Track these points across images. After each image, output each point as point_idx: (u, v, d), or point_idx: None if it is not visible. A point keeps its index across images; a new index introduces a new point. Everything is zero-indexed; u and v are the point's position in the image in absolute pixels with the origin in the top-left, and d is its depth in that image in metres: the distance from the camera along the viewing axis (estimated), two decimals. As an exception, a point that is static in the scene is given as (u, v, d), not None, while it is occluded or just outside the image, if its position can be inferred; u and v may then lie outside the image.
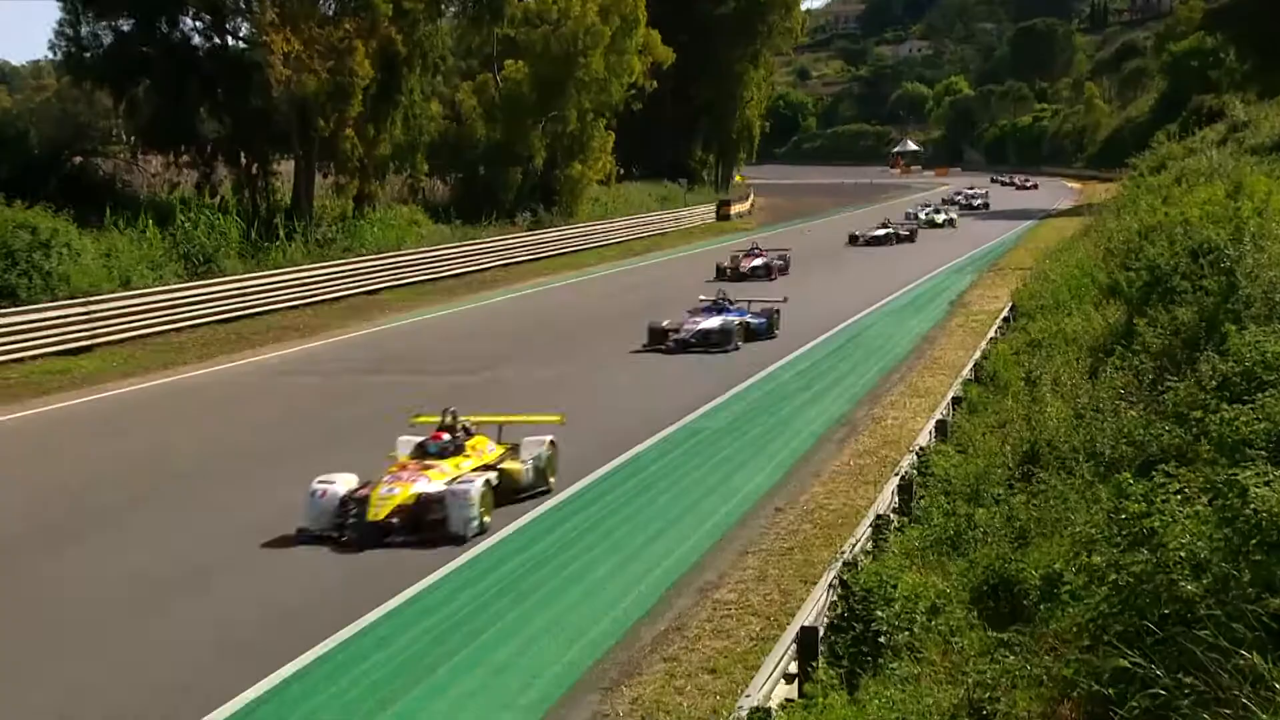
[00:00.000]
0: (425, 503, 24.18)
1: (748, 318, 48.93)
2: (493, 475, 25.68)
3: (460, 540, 23.63)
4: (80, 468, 31.11)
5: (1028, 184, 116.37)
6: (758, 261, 60.52)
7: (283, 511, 26.25)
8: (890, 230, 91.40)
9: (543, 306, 59.98)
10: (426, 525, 24.05)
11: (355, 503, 24.45)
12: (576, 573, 23.22)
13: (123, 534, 25.98)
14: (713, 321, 47.09)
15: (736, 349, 46.14)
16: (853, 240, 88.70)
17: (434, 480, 24.76)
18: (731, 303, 49.44)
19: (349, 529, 24.15)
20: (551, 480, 27.44)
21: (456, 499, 24.13)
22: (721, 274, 60.25)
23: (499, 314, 58.17)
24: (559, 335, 50.91)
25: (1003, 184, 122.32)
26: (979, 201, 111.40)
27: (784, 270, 64.92)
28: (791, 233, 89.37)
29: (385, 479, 24.74)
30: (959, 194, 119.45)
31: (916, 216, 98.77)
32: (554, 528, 25.83)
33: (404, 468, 25.44)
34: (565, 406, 36.39)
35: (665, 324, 47.15)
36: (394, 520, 23.86)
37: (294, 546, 24.69)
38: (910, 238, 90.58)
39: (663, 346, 46.04)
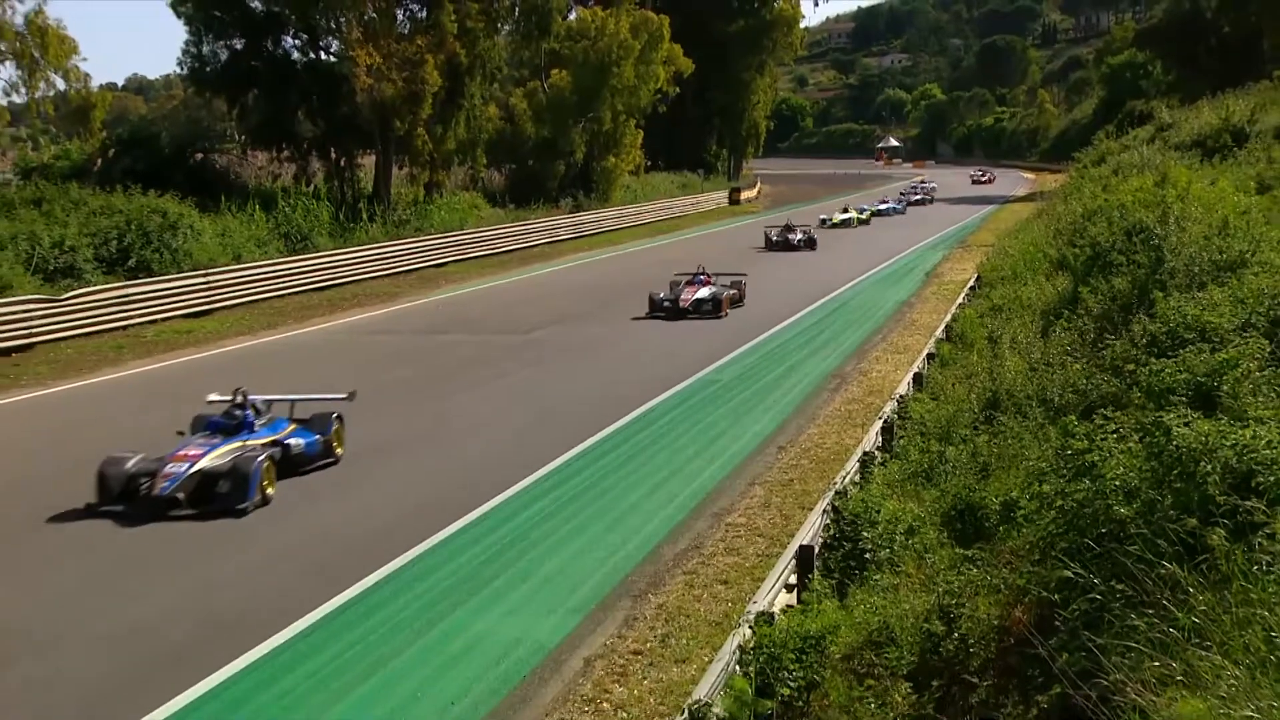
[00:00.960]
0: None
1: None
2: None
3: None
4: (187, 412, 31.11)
5: (983, 178, 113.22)
6: (703, 292, 48.42)
7: (373, 441, 26.94)
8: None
9: (581, 278, 59.83)
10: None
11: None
12: (609, 502, 23.40)
13: None
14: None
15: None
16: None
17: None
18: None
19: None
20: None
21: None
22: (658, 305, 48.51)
23: (544, 284, 58.07)
24: (595, 302, 50.68)
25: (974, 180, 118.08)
26: (918, 196, 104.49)
27: (737, 302, 50.64)
28: (792, 213, 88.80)
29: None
30: (912, 187, 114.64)
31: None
32: (589, 465, 26.03)
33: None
34: (599, 363, 37.16)
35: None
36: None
37: (377, 481, 25.04)
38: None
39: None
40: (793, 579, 15.13)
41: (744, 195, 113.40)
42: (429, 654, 16.48)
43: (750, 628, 12.91)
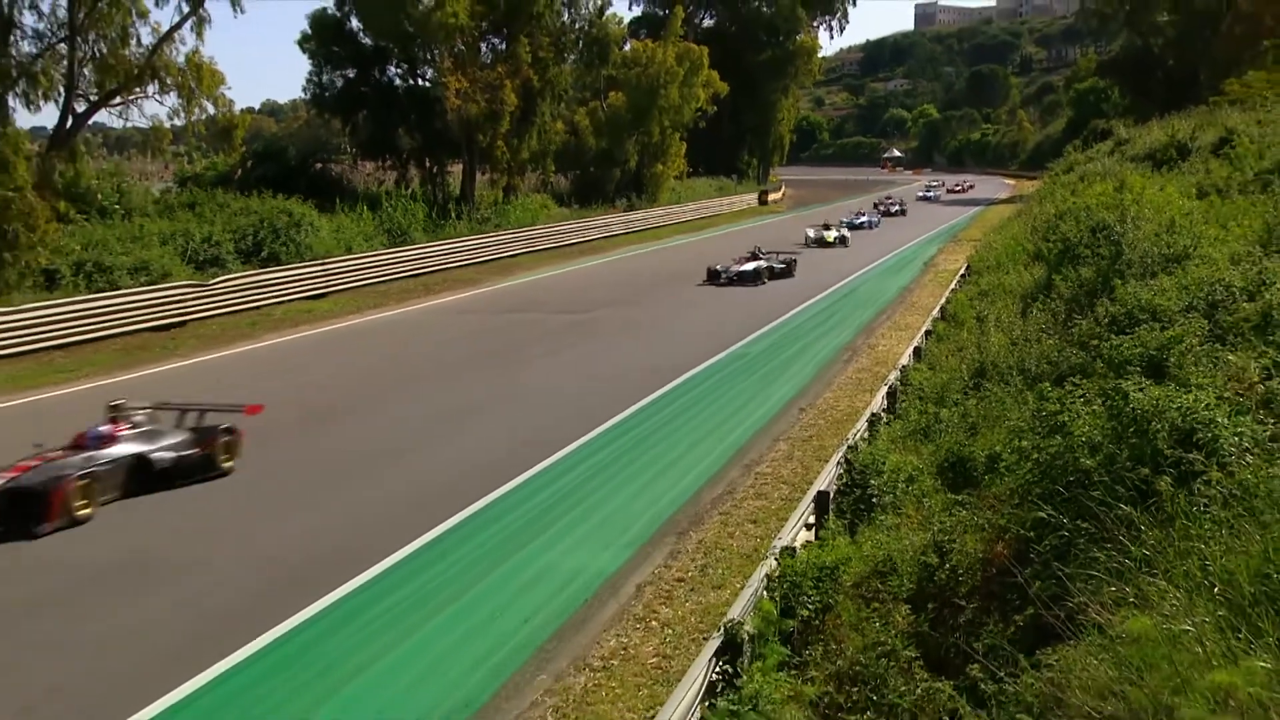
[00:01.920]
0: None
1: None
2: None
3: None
4: (327, 373, 31.78)
5: (958, 188, 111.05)
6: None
7: (460, 403, 27.13)
8: (761, 264, 53.06)
9: (633, 266, 59.73)
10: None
11: None
12: (656, 455, 23.52)
13: (359, 417, 26.55)
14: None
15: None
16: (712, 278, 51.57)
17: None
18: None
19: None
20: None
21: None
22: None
23: (602, 272, 58.05)
24: (645, 286, 50.57)
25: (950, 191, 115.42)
26: (896, 209, 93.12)
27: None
28: (817, 212, 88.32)
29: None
30: (883, 201, 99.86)
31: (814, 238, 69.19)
32: (638, 424, 26.08)
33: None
34: (648, 338, 37.01)
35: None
36: None
37: (464, 436, 25.18)
38: (788, 271, 53.91)
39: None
40: (811, 519, 15.19)
41: (770, 197, 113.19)
42: (506, 580, 16.66)
43: (776, 560, 12.99)
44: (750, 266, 51.07)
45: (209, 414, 22.61)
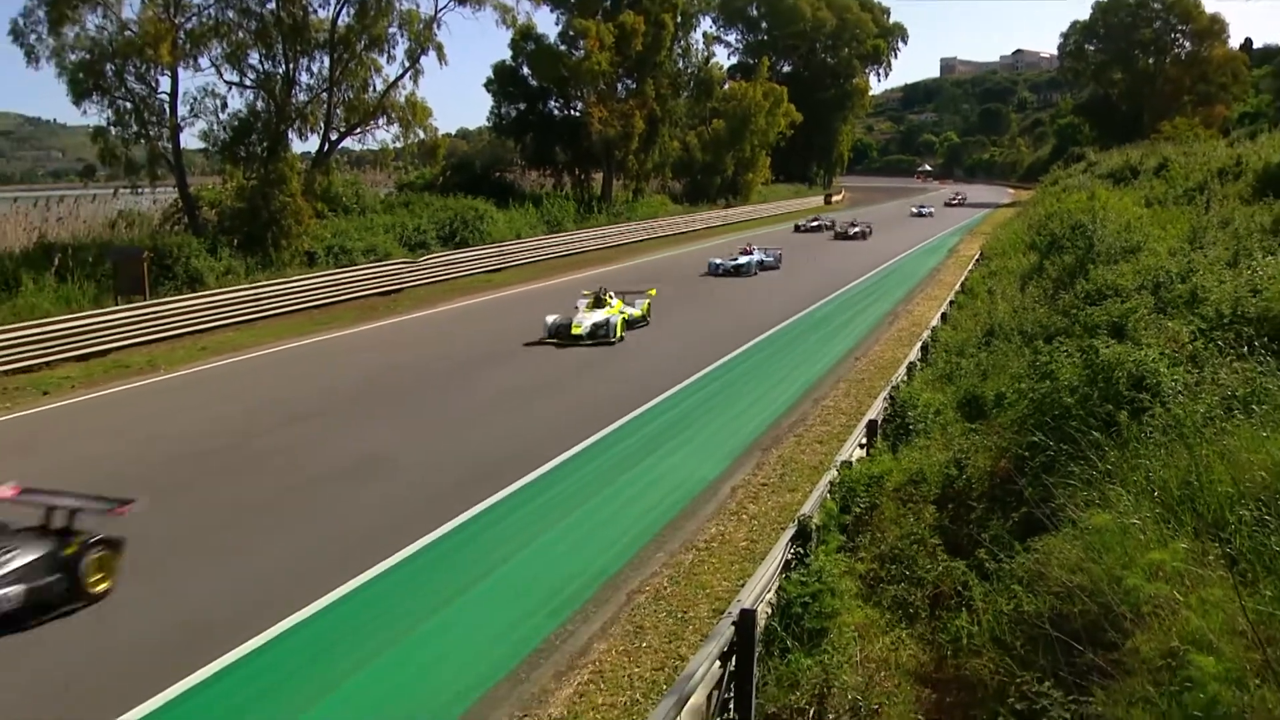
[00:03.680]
0: None
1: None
2: None
3: None
4: (509, 324, 31.43)
5: (953, 202, 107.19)
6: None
7: (598, 353, 26.96)
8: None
9: (732, 249, 59.54)
10: None
11: None
12: (744, 392, 23.61)
13: (532, 358, 26.37)
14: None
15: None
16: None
17: None
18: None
19: None
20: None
21: None
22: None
23: (707, 253, 57.94)
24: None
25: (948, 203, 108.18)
26: (856, 230, 64.57)
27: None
28: (861, 211, 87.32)
29: None
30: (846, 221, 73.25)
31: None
32: (731, 369, 26.19)
33: None
34: (735, 304, 36.67)
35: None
36: None
37: (605, 372, 25.32)
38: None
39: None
40: (864, 441, 15.18)
41: (834, 198, 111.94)
42: (632, 482, 16.86)
43: (836, 470, 13.10)
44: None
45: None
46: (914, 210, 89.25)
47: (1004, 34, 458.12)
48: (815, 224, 72.43)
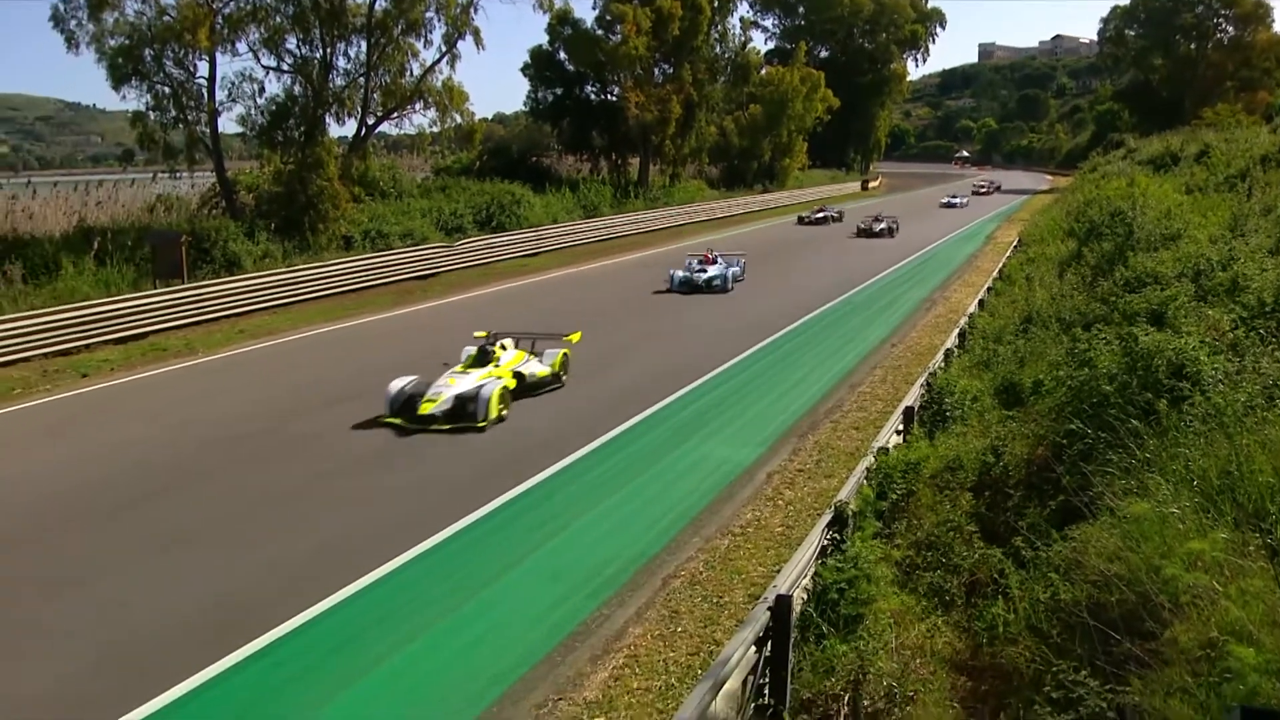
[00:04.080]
0: None
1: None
2: None
3: None
4: (533, 314, 30.72)
5: (982, 190, 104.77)
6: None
7: (645, 331, 27.00)
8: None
9: (768, 235, 59.34)
10: None
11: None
12: (782, 377, 23.59)
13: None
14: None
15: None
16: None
17: None
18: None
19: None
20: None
21: None
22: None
23: (745, 238, 57.86)
24: (777, 248, 50.18)
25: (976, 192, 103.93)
26: (881, 227, 58.15)
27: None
28: (898, 199, 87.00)
29: None
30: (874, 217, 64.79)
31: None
32: (769, 353, 26.17)
33: None
34: (777, 284, 36.62)
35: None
36: None
37: (646, 354, 25.34)
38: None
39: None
40: (900, 427, 15.17)
41: (870, 184, 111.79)
42: (670, 466, 16.91)
43: (873, 456, 13.07)
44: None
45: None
46: (944, 201, 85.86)
47: (1043, 19, 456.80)
48: (820, 215, 66.64)
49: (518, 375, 20.72)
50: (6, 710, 9.67)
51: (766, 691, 8.60)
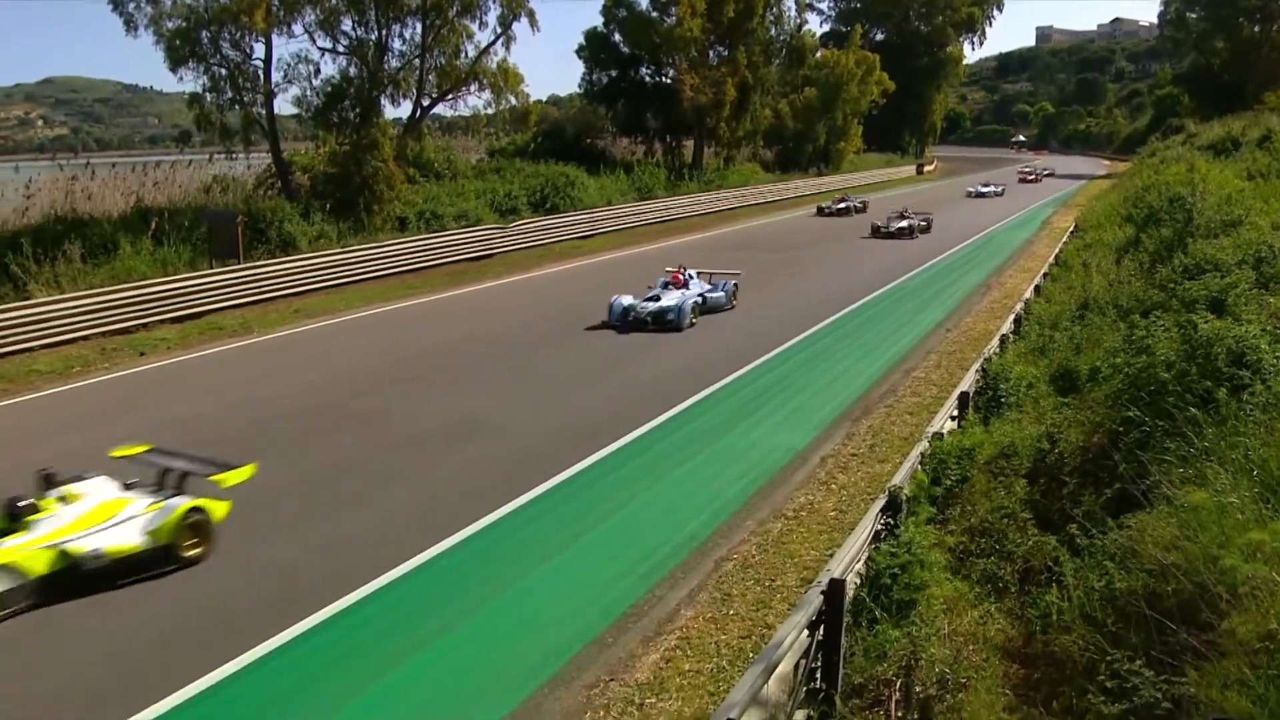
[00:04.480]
0: None
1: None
2: None
3: None
4: (589, 295, 30.53)
5: (1029, 177, 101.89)
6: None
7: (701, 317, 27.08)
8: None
9: (823, 220, 59.07)
10: None
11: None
12: (836, 360, 23.52)
13: (599, 330, 26.35)
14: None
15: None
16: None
17: None
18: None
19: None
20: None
21: None
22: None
23: (799, 222, 57.65)
24: (831, 234, 50.01)
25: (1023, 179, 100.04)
26: (904, 225, 48.47)
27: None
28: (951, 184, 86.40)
29: None
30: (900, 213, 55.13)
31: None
32: (824, 337, 26.07)
33: None
34: (831, 272, 36.38)
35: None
36: None
37: (701, 338, 25.32)
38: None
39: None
40: (955, 412, 15.11)
41: (925, 168, 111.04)
42: (725, 449, 16.90)
43: (928, 442, 13.06)
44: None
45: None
46: (972, 190, 77.46)
47: (1102, 2, 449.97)
48: (842, 205, 61.70)
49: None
50: (106, 661, 9.93)
51: (818, 675, 8.62)
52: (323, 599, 11.26)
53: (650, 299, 27.02)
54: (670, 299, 26.97)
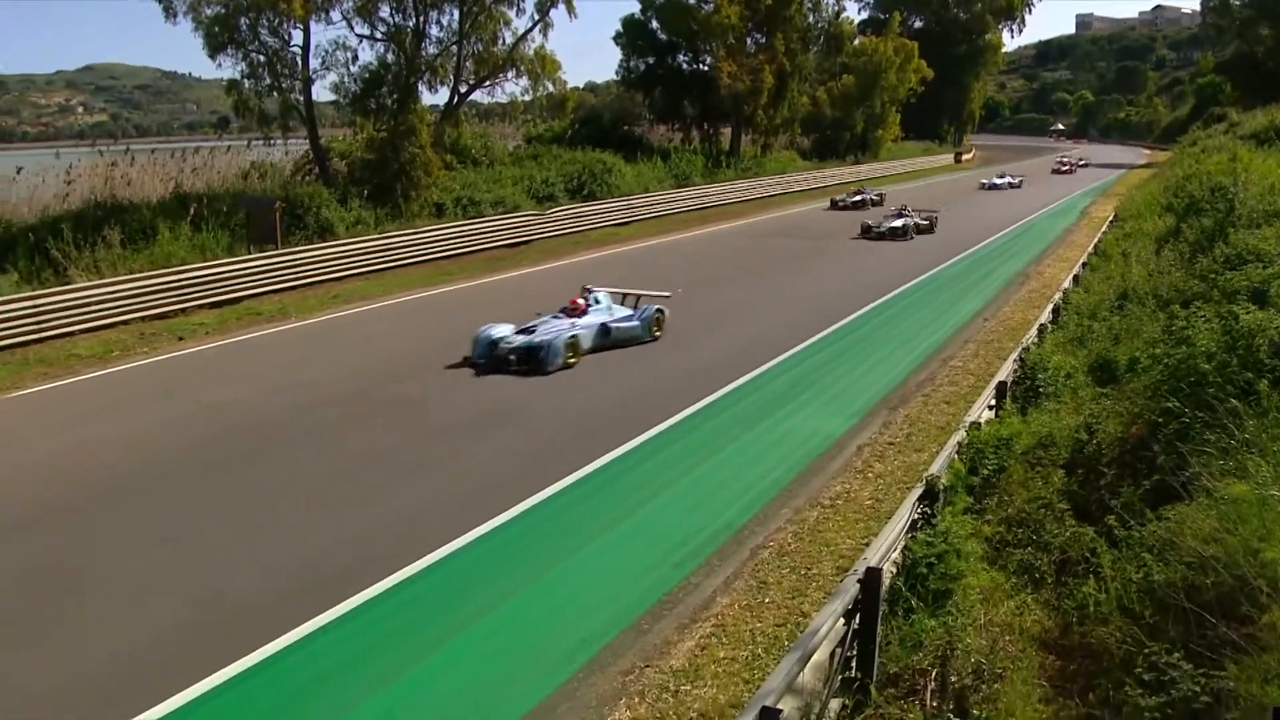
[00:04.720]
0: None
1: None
2: None
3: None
4: (627, 283, 31.50)
5: (1063, 168, 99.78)
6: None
7: (733, 303, 26.93)
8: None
9: (780, 226, 58.52)
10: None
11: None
12: (872, 349, 23.43)
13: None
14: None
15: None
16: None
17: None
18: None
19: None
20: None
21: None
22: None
23: (818, 214, 57.49)
24: (783, 247, 49.80)
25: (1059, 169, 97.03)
26: (899, 224, 43.77)
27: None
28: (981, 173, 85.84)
29: None
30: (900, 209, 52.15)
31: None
32: (861, 326, 25.97)
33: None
34: (872, 261, 36.20)
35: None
36: None
37: (735, 327, 25.28)
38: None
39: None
40: (992, 402, 15.07)
41: (964, 157, 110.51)
42: (760, 436, 16.90)
43: (965, 431, 13.02)
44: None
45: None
46: (986, 182, 73.54)
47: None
48: (858, 198, 57.79)
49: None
50: (114, 656, 10.02)
51: (854, 664, 8.64)
52: (352, 587, 11.30)
53: (525, 330, 21.68)
54: (545, 332, 21.46)
